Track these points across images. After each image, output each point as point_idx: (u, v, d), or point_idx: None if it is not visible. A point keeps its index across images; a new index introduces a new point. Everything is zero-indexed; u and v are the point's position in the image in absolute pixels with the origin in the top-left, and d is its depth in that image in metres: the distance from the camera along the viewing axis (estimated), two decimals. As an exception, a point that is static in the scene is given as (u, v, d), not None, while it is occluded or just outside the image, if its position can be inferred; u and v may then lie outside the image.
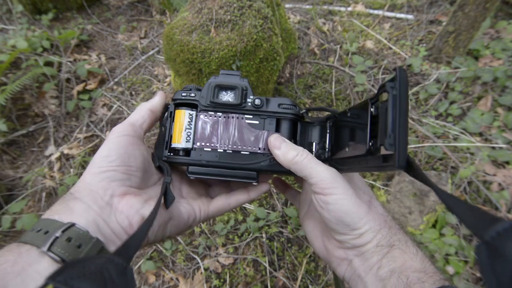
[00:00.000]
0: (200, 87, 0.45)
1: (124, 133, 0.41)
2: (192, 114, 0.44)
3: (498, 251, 0.21)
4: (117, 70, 1.81)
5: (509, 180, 1.20)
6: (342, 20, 1.83)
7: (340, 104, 1.51)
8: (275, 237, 1.21)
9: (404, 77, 0.29)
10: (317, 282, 1.14)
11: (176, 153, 0.44)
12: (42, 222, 0.33)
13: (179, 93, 0.44)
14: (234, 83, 0.43)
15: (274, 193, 1.29)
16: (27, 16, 2.01)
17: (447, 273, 1.08)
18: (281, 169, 0.42)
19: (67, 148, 1.55)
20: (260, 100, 0.43)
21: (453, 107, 1.41)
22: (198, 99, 0.43)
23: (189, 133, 0.43)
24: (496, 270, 0.21)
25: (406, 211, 1.14)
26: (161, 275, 1.20)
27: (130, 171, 0.39)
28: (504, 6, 1.72)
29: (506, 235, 0.22)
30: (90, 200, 0.36)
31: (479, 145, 1.28)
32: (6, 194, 1.44)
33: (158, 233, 0.39)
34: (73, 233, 0.32)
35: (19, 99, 1.61)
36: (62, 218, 0.33)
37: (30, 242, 0.31)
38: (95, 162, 0.38)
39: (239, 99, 0.43)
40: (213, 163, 0.43)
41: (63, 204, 0.35)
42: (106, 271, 0.26)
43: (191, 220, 0.43)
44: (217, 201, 0.46)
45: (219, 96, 0.43)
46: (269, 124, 0.43)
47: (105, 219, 0.35)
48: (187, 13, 1.17)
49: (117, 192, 0.37)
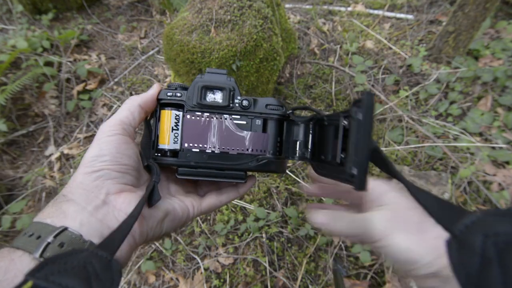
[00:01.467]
0: (185, 86, 0.44)
1: (115, 132, 0.39)
2: (179, 115, 0.43)
3: (466, 244, 0.22)
4: (117, 70, 1.81)
5: (509, 180, 1.20)
6: (342, 20, 1.83)
7: (340, 104, 1.51)
8: (275, 237, 1.21)
9: (370, 103, 0.29)
10: (317, 282, 1.14)
11: (164, 154, 0.43)
12: (34, 226, 0.32)
13: (164, 93, 0.43)
14: (221, 83, 0.43)
15: (274, 193, 1.29)
16: (27, 16, 2.01)
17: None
18: (268, 169, 0.43)
19: (67, 148, 1.55)
20: (248, 101, 0.43)
21: (453, 107, 1.41)
22: (184, 100, 0.42)
23: (176, 134, 0.43)
24: (465, 263, 0.21)
25: (406, 211, 1.14)
26: (161, 275, 1.20)
27: (124, 169, 0.38)
28: (504, 6, 1.72)
29: (473, 228, 0.22)
30: (83, 201, 0.34)
31: (479, 145, 1.28)
32: (6, 194, 1.44)
33: (156, 229, 0.39)
34: (66, 237, 0.30)
35: (19, 99, 1.61)
36: (55, 222, 0.32)
37: (22, 248, 0.30)
38: (86, 162, 0.37)
39: (227, 101, 0.42)
40: (202, 164, 0.42)
41: (55, 207, 0.34)
42: (90, 265, 0.26)
43: (185, 216, 0.42)
44: (209, 199, 0.46)
45: (206, 97, 0.42)
46: (257, 124, 0.44)
47: (101, 219, 0.34)
48: (187, 13, 1.17)
49: (112, 190, 0.36)
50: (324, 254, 1.18)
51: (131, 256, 0.41)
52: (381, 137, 1.40)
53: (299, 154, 0.46)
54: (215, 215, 1.28)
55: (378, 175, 1.30)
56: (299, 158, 0.47)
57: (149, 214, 0.38)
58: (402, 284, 1.08)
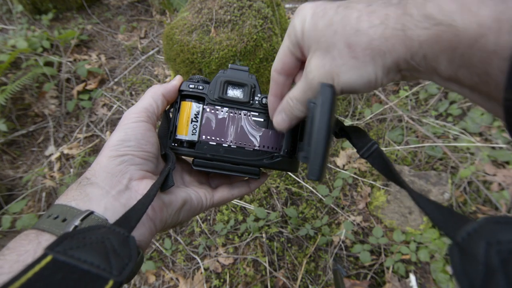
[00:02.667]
0: (207, 80, 0.45)
1: (140, 119, 0.40)
2: (199, 107, 0.44)
3: (469, 252, 0.21)
4: (117, 70, 1.81)
5: (509, 180, 1.20)
6: (342, 20, 1.83)
7: (340, 104, 1.51)
8: (275, 237, 1.21)
9: (328, 96, 0.28)
10: (317, 282, 1.14)
11: (181, 144, 0.44)
12: (59, 208, 0.31)
13: (186, 84, 0.44)
14: (243, 80, 0.43)
15: (274, 193, 1.29)
16: (27, 16, 2.01)
17: (447, 273, 1.08)
18: (282, 167, 0.44)
19: (67, 148, 1.55)
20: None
21: (453, 107, 1.41)
22: (206, 93, 0.43)
23: (195, 126, 0.44)
24: (468, 271, 0.21)
25: (406, 211, 1.14)
26: (161, 275, 1.20)
27: (147, 156, 0.39)
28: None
29: (476, 236, 0.22)
30: (107, 185, 0.34)
31: (479, 145, 1.28)
32: (6, 194, 1.44)
33: (174, 217, 0.39)
34: (93, 221, 0.30)
35: (19, 99, 1.61)
36: (80, 205, 0.32)
37: (49, 230, 0.29)
38: (112, 145, 0.37)
39: (248, 97, 0.43)
40: (218, 157, 0.43)
41: (79, 190, 0.34)
42: (108, 240, 0.26)
43: (199, 207, 0.43)
44: (221, 191, 0.47)
45: (227, 92, 0.43)
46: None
47: (125, 204, 0.34)
48: (187, 13, 1.17)
49: (135, 175, 0.37)
50: (324, 254, 1.18)
51: (150, 242, 0.42)
52: (381, 137, 1.40)
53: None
54: (215, 215, 1.28)
55: (377, 175, 1.30)
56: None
57: (169, 201, 0.38)
58: (402, 284, 1.08)
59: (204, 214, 1.29)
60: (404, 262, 1.13)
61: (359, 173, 1.32)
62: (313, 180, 0.29)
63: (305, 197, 1.28)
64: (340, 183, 1.27)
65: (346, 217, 1.24)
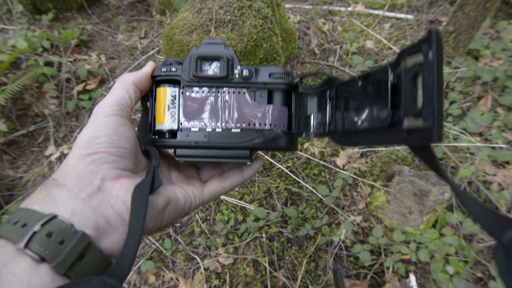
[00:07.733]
0: (181, 60, 0.40)
1: (112, 113, 0.35)
2: (175, 91, 0.40)
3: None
4: (117, 70, 1.81)
5: (509, 180, 1.20)
6: (342, 20, 1.83)
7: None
8: (275, 237, 1.21)
9: (440, 39, 0.25)
10: (317, 282, 1.14)
11: (162, 136, 0.40)
12: (20, 213, 0.28)
13: (158, 69, 0.40)
14: (218, 53, 0.39)
15: (274, 193, 1.29)
16: (27, 16, 2.01)
17: (447, 273, 1.08)
18: (276, 145, 0.39)
19: (67, 148, 1.55)
20: (249, 71, 0.39)
21: (453, 107, 1.41)
22: (180, 74, 0.39)
23: (173, 113, 0.39)
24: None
25: (406, 211, 1.14)
26: (161, 275, 1.20)
27: (122, 153, 0.35)
28: (504, 6, 1.72)
29: None
30: (76, 187, 0.31)
31: (479, 145, 1.28)
32: (6, 194, 1.44)
33: (157, 220, 0.36)
34: (55, 226, 0.27)
35: (19, 99, 1.61)
36: (43, 208, 0.29)
37: (5, 237, 0.27)
38: (81, 143, 0.33)
39: (225, 71, 0.38)
40: (202, 143, 0.39)
41: (44, 192, 0.30)
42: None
43: (187, 206, 0.40)
44: (211, 185, 0.43)
45: (202, 69, 0.39)
46: (260, 97, 0.39)
47: (95, 208, 0.31)
48: (187, 13, 1.17)
49: (108, 175, 0.33)
50: (324, 254, 1.18)
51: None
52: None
53: (314, 130, 0.42)
54: (215, 215, 1.28)
55: (377, 175, 1.30)
56: (316, 134, 0.42)
57: (150, 202, 0.34)
58: (402, 284, 1.08)
59: (204, 214, 1.29)
60: (404, 262, 1.13)
61: (359, 173, 1.32)
62: (436, 143, 0.25)
63: (305, 197, 1.28)
64: (340, 183, 1.27)
65: (346, 217, 1.24)
